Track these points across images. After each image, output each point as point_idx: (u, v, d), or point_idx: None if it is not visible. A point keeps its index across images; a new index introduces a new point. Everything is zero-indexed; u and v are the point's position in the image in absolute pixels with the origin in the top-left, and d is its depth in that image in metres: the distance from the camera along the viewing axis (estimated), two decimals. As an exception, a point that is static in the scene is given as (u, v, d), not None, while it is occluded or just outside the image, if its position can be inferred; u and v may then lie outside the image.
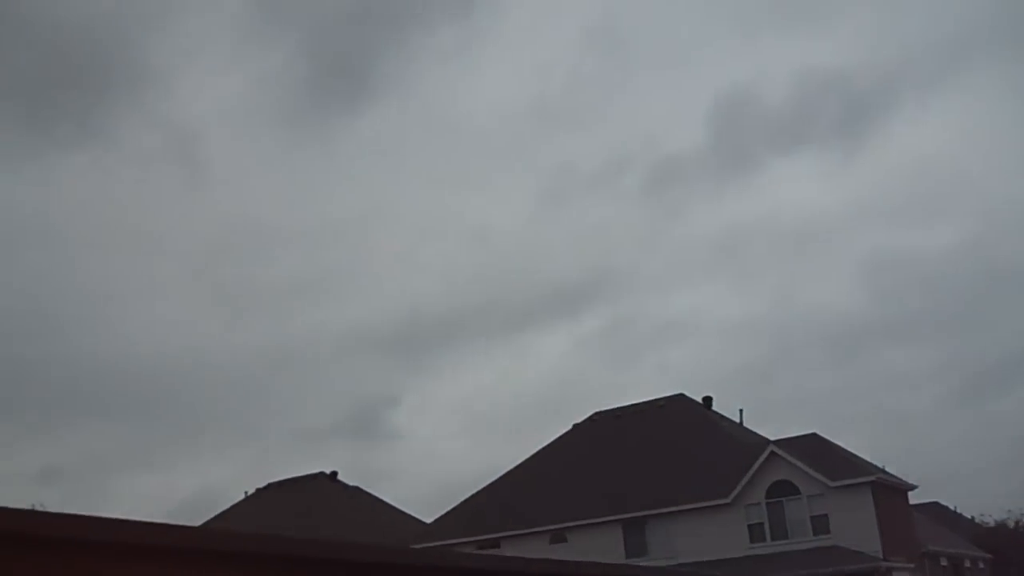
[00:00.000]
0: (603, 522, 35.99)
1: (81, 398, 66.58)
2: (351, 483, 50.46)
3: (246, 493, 51.36)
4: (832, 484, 32.48)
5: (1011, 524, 50.37)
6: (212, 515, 49.06)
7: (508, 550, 34.54)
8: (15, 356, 63.18)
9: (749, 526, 33.87)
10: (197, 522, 44.06)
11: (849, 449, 35.98)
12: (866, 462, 35.10)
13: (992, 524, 51.63)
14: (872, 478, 32.79)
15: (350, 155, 74.32)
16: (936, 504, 53.39)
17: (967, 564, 41.50)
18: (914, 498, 38.44)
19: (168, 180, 70.62)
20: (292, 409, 75.10)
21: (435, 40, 71.33)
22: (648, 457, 38.21)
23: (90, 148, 67.76)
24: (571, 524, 36.46)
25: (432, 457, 72.99)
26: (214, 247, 70.53)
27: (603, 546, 34.08)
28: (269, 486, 50.80)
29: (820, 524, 32.86)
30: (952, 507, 57.75)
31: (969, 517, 55.92)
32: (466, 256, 74.33)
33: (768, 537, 33.41)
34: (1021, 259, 71.30)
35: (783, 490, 33.67)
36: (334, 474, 50.18)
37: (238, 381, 72.43)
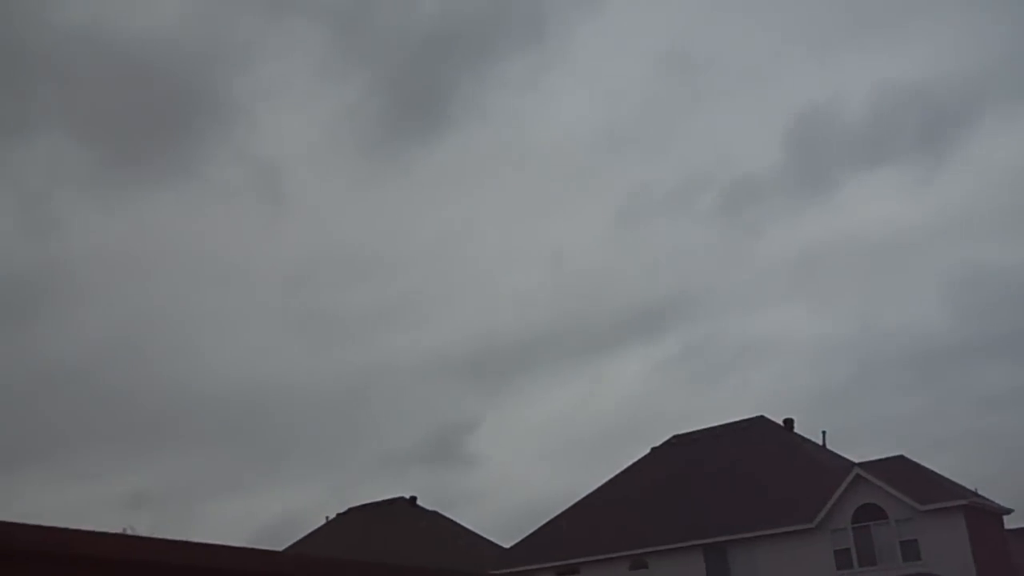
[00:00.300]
0: (684, 547, 35.43)
1: (169, 425, 68.41)
2: (430, 508, 50.69)
3: (327, 518, 51.98)
4: (922, 508, 31.48)
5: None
6: (294, 540, 49.76)
7: (588, 576, 34.27)
8: (108, 386, 65.38)
9: (835, 552, 32.99)
10: (280, 547, 44.74)
11: (940, 472, 34.87)
12: (957, 485, 33.95)
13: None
14: (964, 501, 31.68)
15: (427, 184, 75.36)
16: (1033, 529, 51.32)
17: (1068, 592, 39.74)
18: (1010, 522, 37.02)
19: (253, 213, 72.57)
20: (373, 435, 75.94)
21: (509, 68, 72.10)
22: (728, 481, 37.55)
23: (178, 184, 70.07)
24: (651, 550, 35.98)
25: (510, 482, 72.94)
26: (297, 277, 72.03)
27: (684, 572, 33.59)
28: (350, 511, 51.33)
29: (910, 550, 31.84)
30: (1051, 532, 55.44)
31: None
32: (542, 281, 74.46)
33: (856, 563, 32.49)
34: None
35: (870, 514, 32.75)
36: (413, 499, 50.47)
37: (320, 407, 73.61)
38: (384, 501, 50.09)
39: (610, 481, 42.38)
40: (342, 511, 51.76)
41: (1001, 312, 70.46)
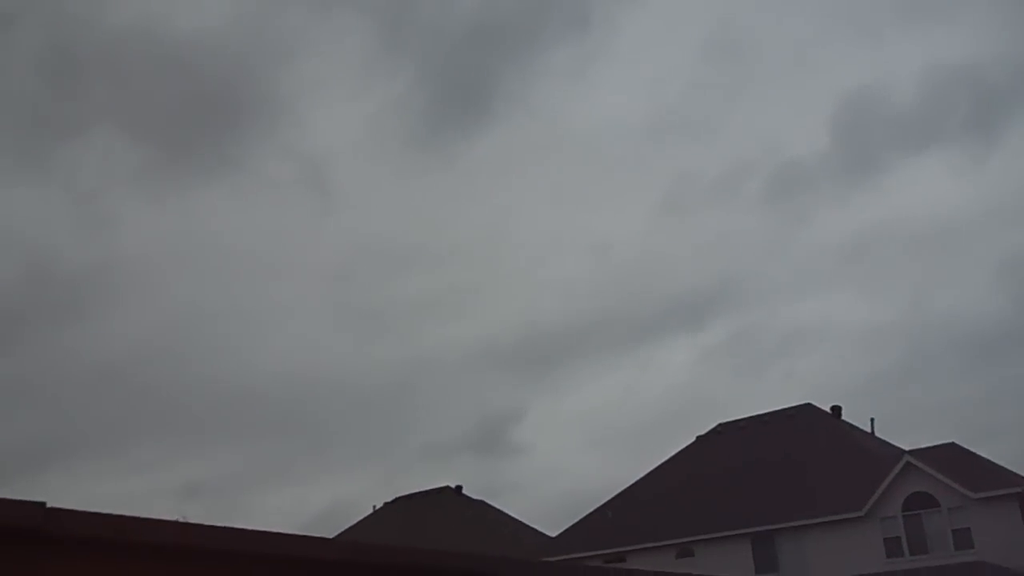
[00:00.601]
0: (731, 536, 35.22)
1: (220, 418, 69.48)
2: (476, 497, 50.94)
3: (374, 507, 52.47)
4: (974, 496, 30.97)
5: None
6: (342, 528, 50.31)
7: (634, 564, 34.20)
8: (159, 379, 66.54)
9: (885, 540, 32.59)
10: (329, 535, 45.20)
11: (993, 459, 34.27)
12: (1011, 472, 33.32)
13: None
14: (1018, 489, 31.09)
15: (472, 175, 75.44)
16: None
17: None
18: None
19: (299, 206, 73.21)
20: (419, 425, 76.46)
21: (553, 58, 71.79)
22: (775, 469, 37.24)
23: (226, 178, 70.86)
24: (698, 538, 35.82)
25: (556, 471, 73.00)
26: (343, 271, 72.60)
27: (731, 561, 33.39)
28: (396, 500, 51.77)
29: (963, 538, 31.35)
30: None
31: None
32: (587, 270, 74.25)
33: (906, 552, 32.07)
34: None
35: (921, 502, 32.30)
36: (459, 488, 50.75)
37: (368, 398, 74.21)
38: (431, 490, 50.44)
39: (656, 470, 42.25)
40: (389, 500, 52.21)
41: (1058, 298, 68.93)
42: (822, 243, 71.49)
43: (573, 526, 41.10)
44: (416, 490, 51.27)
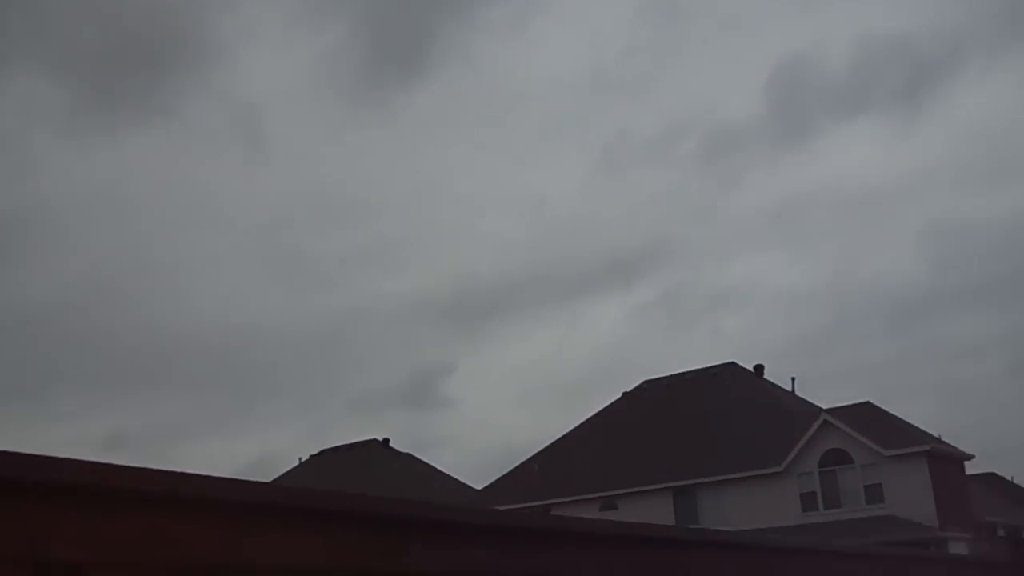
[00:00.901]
0: (653, 489, 36.03)
1: (146, 367, 68.14)
2: (403, 450, 51.08)
3: (300, 459, 52.29)
4: (886, 453, 32.13)
5: (1071, 495, 49.39)
6: (268, 480, 50.07)
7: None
8: (85, 327, 64.94)
9: (802, 495, 33.68)
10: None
11: (905, 419, 35.54)
12: (921, 431, 34.63)
13: (1051, 495, 50.64)
14: (927, 447, 32.37)
15: (409, 129, 74.50)
16: (993, 475, 52.51)
17: (1025, 535, 40.89)
18: (971, 468, 37.88)
19: (232, 155, 71.56)
20: (350, 378, 76.09)
21: (493, 12, 71.03)
22: (699, 425, 38.10)
23: (157, 125, 68.83)
24: (621, 491, 36.55)
25: (485, 425, 73.52)
26: (277, 220, 71.34)
27: (654, 514, 34.14)
28: (323, 452, 51.66)
29: (874, 493, 32.56)
30: (1010, 478, 56.80)
31: (1027, 488, 54.92)
32: (522, 226, 74.26)
33: (821, 506, 33.20)
34: (1087, 227, 69.17)
35: (836, 459, 33.40)
36: (386, 441, 50.84)
37: (298, 350, 73.56)
38: (358, 443, 50.40)
39: (582, 425, 42.87)
40: (315, 453, 52.07)
41: (976, 264, 71.28)
42: (753, 205, 72.65)
43: (499, 479, 41.58)
44: (343, 443, 51.20)
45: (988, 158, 72.31)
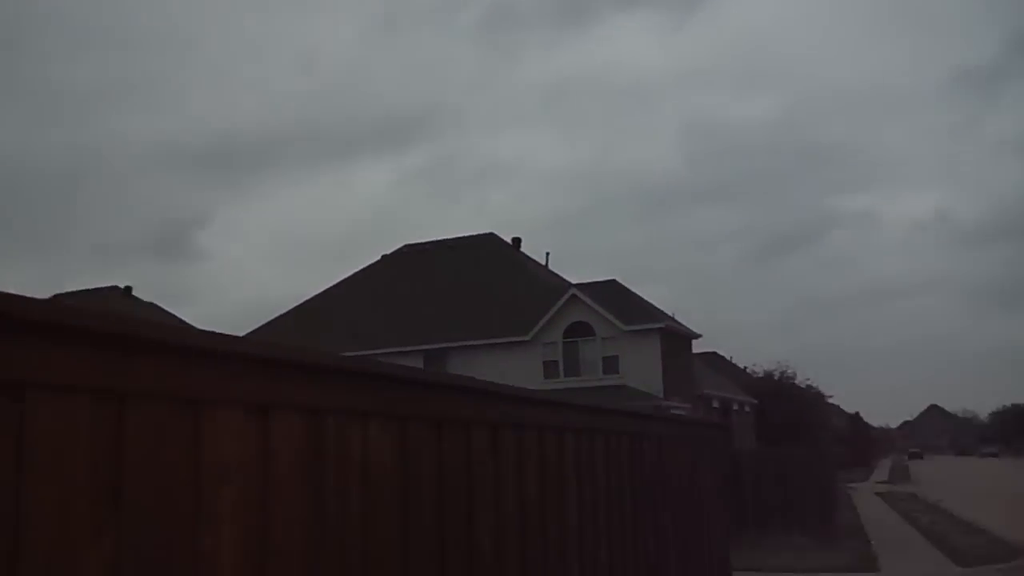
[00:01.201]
0: (404, 352, 36.50)
1: None
2: (147, 300, 48.71)
3: (30, 303, 48.61)
4: (625, 328, 34.18)
5: (776, 375, 55.01)
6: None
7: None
8: None
9: (545, 363, 35.33)
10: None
11: (646, 298, 37.82)
12: (658, 310, 37.05)
13: (761, 374, 56.20)
14: (661, 325, 34.73)
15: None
16: (715, 354, 57.45)
17: (735, 407, 45.24)
18: (697, 347, 41.18)
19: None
20: (92, 221, 71.13)
21: None
22: (453, 292, 38.80)
23: None
24: (372, 352, 36.76)
25: (240, 280, 71.68)
26: (13, 43, 63.96)
27: (403, 374, 34.71)
28: (56, 297, 48.22)
29: (611, 364, 34.70)
30: (728, 357, 62.42)
31: (742, 367, 60.62)
32: (291, 79, 71.27)
33: (562, 374, 35.01)
34: (826, 140, 75.35)
35: (580, 331, 35.16)
36: (128, 289, 48.26)
37: (35, 187, 67.55)
38: (96, 289, 47.43)
39: (339, 284, 42.51)
40: (47, 297, 48.58)
41: (726, 162, 76.33)
42: (527, 83, 73.41)
43: (248, 333, 40.63)
44: (80, 288, 48.03)
45: (747, 63, 76.48)
